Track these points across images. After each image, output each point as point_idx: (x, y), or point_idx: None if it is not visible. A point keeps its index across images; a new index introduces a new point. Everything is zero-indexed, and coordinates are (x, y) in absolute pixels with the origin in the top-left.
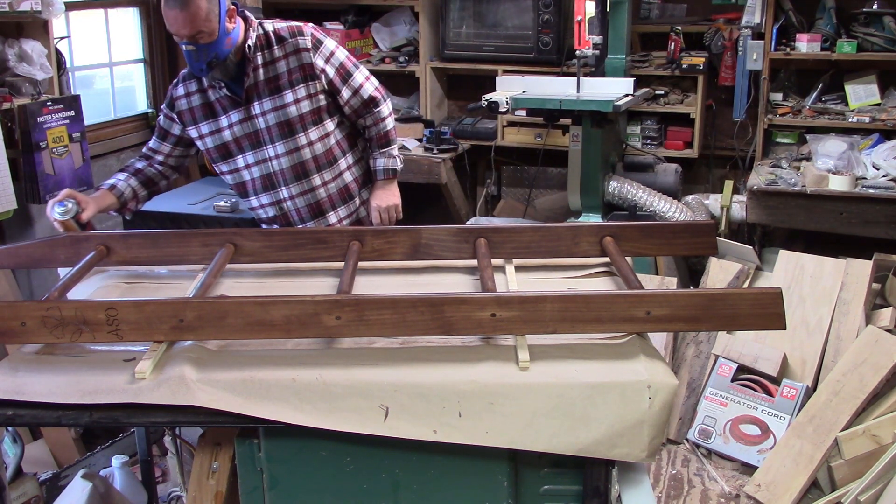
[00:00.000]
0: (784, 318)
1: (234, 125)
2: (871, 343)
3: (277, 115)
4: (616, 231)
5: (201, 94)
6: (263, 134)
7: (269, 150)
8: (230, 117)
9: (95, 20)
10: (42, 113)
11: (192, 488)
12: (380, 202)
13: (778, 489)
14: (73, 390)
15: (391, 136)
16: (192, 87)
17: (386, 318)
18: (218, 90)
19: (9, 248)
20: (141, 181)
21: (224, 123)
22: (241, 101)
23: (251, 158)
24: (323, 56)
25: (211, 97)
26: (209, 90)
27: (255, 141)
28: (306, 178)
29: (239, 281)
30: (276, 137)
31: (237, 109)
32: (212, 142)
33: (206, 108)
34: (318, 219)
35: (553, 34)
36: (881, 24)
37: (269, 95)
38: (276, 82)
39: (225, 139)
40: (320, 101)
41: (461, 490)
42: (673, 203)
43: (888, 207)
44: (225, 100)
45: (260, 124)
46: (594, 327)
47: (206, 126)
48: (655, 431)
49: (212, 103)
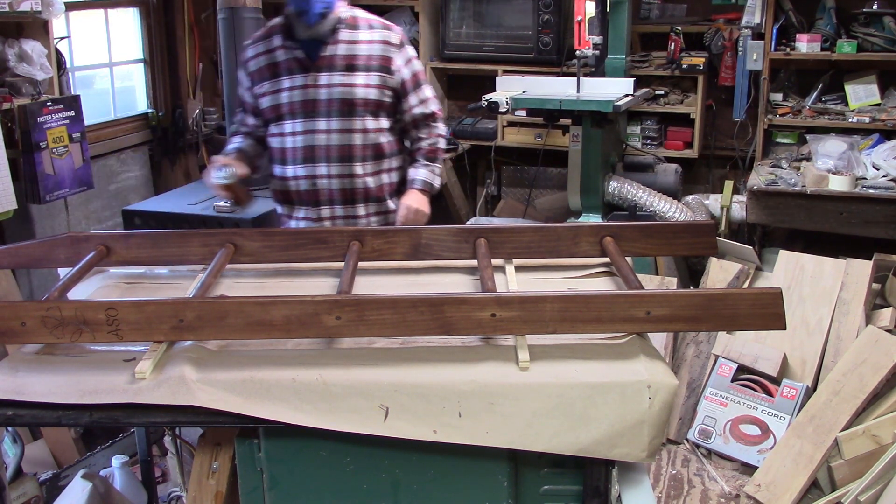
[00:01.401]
0: (784, 319)
1: (296, 89)
2: (871, 343)
3: (343, 91)
4: (616, 231)
5: (268, 55)
6: (322, 105)
7: (322, 123)
8: (293, 80)
9: (95, 20)
10: (42, 113)
11: (192, 488)
12: (411, 203)
13: (778, 489)
14: (72, 390)
15: (439, 154)
16: (261, 48)
17: (386, 318)
18: (291, 51)
19: (9, 248)
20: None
21: (285, 85)
22: (310, 67)
23: (299, 126)
24: (404, 58)
25: (278, 58)
26: (278, 51)
27: (309, 110)
28: (349, 162)
29: (239, 281)
30: (333, 112)
31: (303, 74)
32: (268, 101)
33: (272, 68)
34: (349, 205)
35: (553, 34)
36: (881, 24)
37: (342, 71)
38: (353, 61)
39: (281, 100)
40: (385, 96)
41: (461, 490)
42: (673, 203)
43: (888, 207)
44: (293, 62)
45: (322, 94)
46: (594, 327)
47: (268, 84)
48: (655, 431)
49: (277, 64)
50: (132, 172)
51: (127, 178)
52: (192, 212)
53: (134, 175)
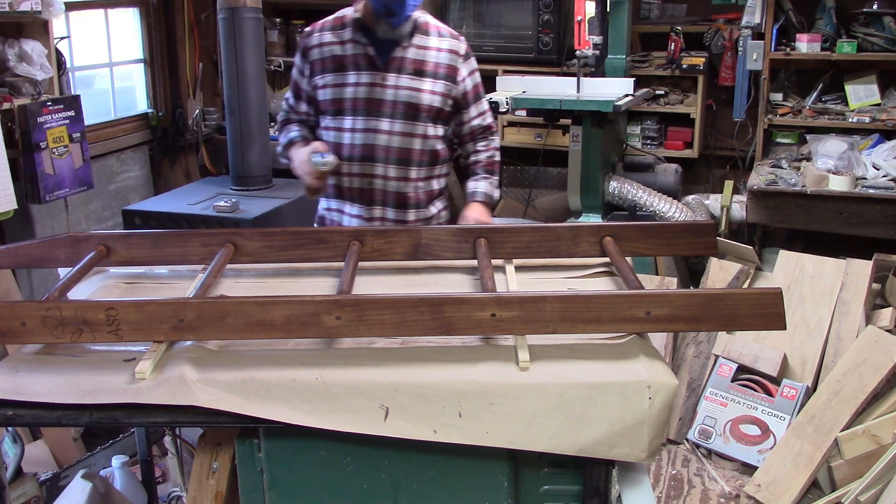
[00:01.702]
0: (784, 318)
1: (361, 85)
2: (871, 343)
3: (410, 94)
4: (616, 231)
5: (334, 46)
6: (387, 106)
7: (385, 124)
8: (359, 76)
9: (95, 20)
10: (42, 113)
11: (192, 488)
12: (477, 215)
13: (778, 489)
14: (72, 390)
15: (496, 167)
16: (329, 37)
17: (386, 318)
18: (362, 47)
19: (9, 248)
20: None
21: (351, 80)
22: (379, 67)
23: (360, 124)
24: (468, 68)
25: (347, 51)
26: (348, 44)
27: (374, 108)
28: (407, 165)
29: (239, 281)
30: (397, 115)
31: (371, 72)
32: (330, 94)
33: (337, 61)
34: (400, 209)
35: (553, 34)
36: (881, 24)
37: (410, 75)
38: (422, 66)
39: (345, 95)
40: (447, 105)
41: (461, 490)
42: (673, 203)
43: (888, 207)
44: (362, 58)
45: (388, 95)
46: (594, 327)
47: (331, 77)
48: (655, 431)
49: (345, 57)
50: (132, 172)
51: (127, 178)
52: (192, 212)
53: (134, 175)
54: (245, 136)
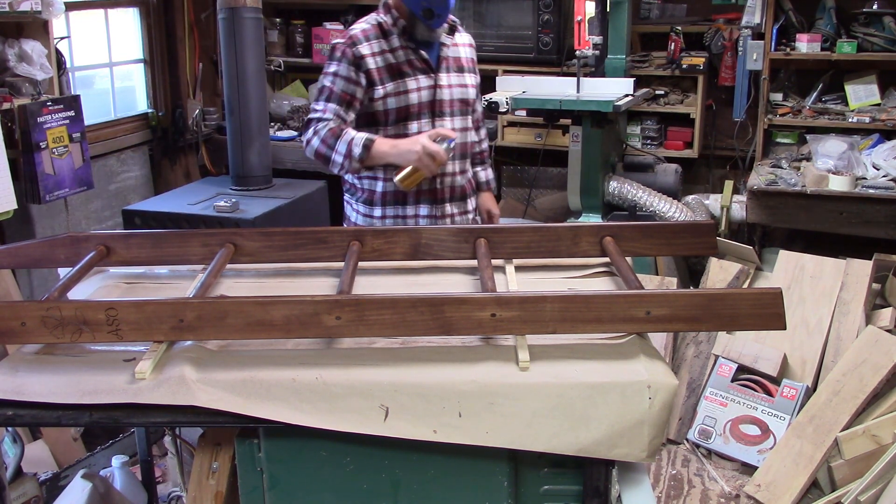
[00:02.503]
0: (784, 318)
1: (423, 89)
2: (871, 343)
3: (462, 91)
4: (616, 231)
5: (386, 55)
6: (446, 105)
7: (448, 123)
8: (418, 81)
9: (95, 20)
10: (42, 113)
11: (192, 488)
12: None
13: (778, 489)
14: (72, 390)
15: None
16: (376, 47)
17: (386, 318)
18: (412, 52)
19: (9, 248)
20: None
21: (412, 86)
22: (430, 69)
23: (426, 127)
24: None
25: (399, 58)
26: (398, 51)
27: (437, 110)
28: (464, 159)
29: (239, 281)
30: (456, 112)
31: (426, 75)
32: (395, 102)
33: (394, 69)
34: (461, 202)
35: (553, 34)
36: (881, 24)
37: (456, 72)
38: (459, 63)
39: (410, 101)
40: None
41: (461, 490)
42: (673, 203)
43: (888, 207)
44: (417, 62)
45: (445, 95)
46: (594, 327)
47: (392, 85)
48: (655, 431)
49: (399, 64)
50: (132, 172)
51: (127, 178)
52: (192, 212)
53: (134, 175)
54: (245, 136)
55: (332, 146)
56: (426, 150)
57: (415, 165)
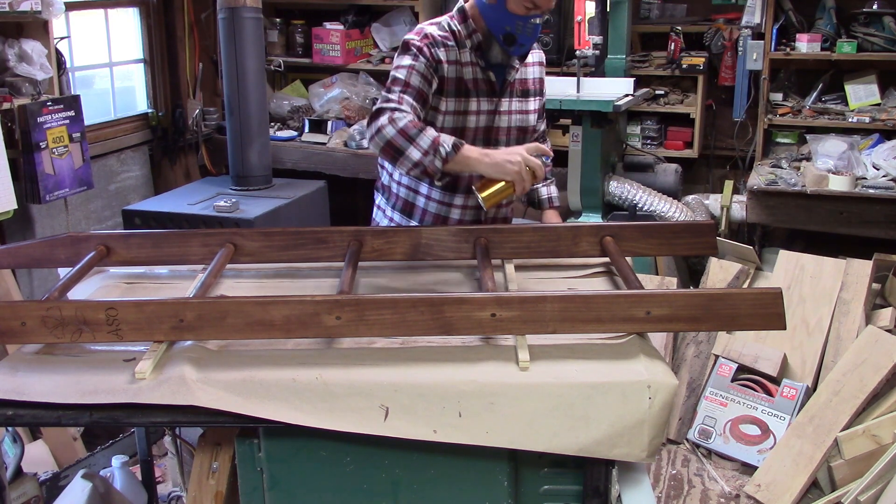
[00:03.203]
0: (784, 318)
1: (483, 113)
2: (871, 343)
3: (521, 118)
4: (616, 231)
5: (460, 68)
6: (502, 133)
7: None
8: (479, 104)
9: (95, 20)
10: (42, 113)
11: (192, 488)
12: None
13: (778, 489)
14: (73, 390)
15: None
16: (452, 55)
17: (386, 318)
18: (482, 71)
19: (9, 248)
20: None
21: (473, 108)
22: (494, 92)
23: None
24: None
25: (467, 75)
26: (467, 67)
27: (491, 137)
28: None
29: (239, 281)
30: (512, 140)
31: (488, 99)
32: (452, 121)
33: (461, 85)
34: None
35: (553, 34)
36: (881, 24)
37: (519, 97)
38: (525, 86)
39: (468, 124)
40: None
41: (461, 490)
42: (673, 203)
43: (888, 207)
44: (482, 84)
45: (502, 122)
46: (594, 327)
47: (454, 102)
48: (655, 431)
49: (466, 81)
50: (132, 172)
51: (127, 178)
52: (192, 212)
53: (134, 175)
54: (245, 136)
55: (412, 139)
56: (527, 163)
57: (510, 179)
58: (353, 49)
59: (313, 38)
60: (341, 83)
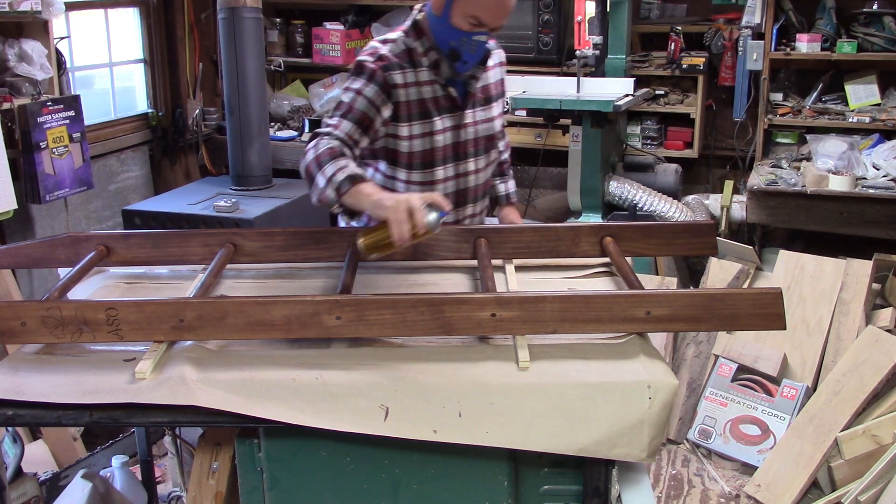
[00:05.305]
0: (784, 318)
1: (448, 130)
2: (871, 343)
3: (486, 127)
4: (616, 231)
5: (418, 89)
6: (469, 146)
7: (472, 164)
8: (443, 121)
9: (95, 20)
10: (42, 113)
11: (192, 488)
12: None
13: (778, 489)
14: (73, 390)
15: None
16: (410, 77)
17: (386, 318)
18: (437, 88)
19: (9, 248)
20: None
21: (438, 126)
22: (457, 106)
23: (451, 171)
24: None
25: (426, 94)
26: (425, 86)
27: (460, 152)
28: (484, 197)
29: (239, 281)
30: (480, 151)
31: (451, 115)
32: (420, 145)
33: (421, 106)
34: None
35: (553, 34)
36: (881, 24)
37: (482, 106)
38: (487, 92)
39: (436, 144)
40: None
41: (461, 490)
42: (673, 203)
43: (888, 207)
44: (443, 101)
45: (469, 134)
46: (594, 327)
47: (419, 126)
48: (655, 431)
49: (427, 101)
50: (132, 172)
51: (127, 178)
52: (192, 212)
53: (134, 175)
54: (245, 136)
55: (321, 166)
56: (405, 205)
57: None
58: (353, 49)
59: (313, 38)
60: (341, 83)
